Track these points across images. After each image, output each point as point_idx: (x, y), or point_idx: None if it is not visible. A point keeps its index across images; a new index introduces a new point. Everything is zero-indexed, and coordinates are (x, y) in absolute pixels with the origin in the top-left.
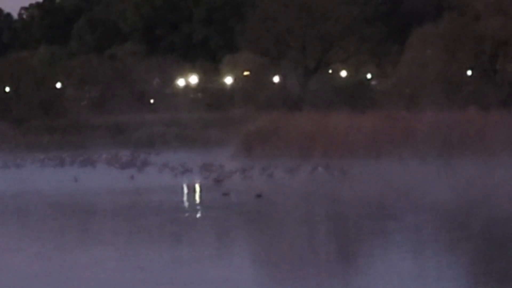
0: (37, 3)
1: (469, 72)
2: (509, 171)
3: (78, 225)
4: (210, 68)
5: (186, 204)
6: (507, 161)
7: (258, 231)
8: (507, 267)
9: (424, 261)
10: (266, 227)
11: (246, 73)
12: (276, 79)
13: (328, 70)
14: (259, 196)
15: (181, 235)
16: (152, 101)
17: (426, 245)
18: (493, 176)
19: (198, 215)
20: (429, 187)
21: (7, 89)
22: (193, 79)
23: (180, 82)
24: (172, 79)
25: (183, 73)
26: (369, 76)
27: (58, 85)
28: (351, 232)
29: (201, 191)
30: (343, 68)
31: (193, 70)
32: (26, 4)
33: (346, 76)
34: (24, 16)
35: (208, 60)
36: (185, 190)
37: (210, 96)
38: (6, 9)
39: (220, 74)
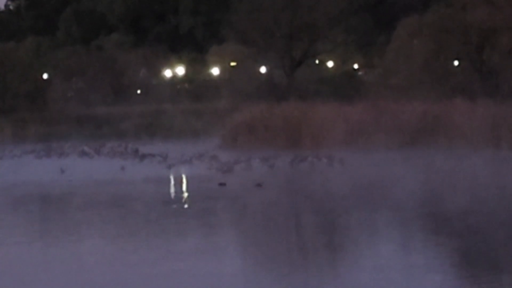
0: None
1: (456, 63)
2: (496, 162)
3: (63, 219)
4: (197, 59)
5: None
6: (494, 151)
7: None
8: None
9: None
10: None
11: (232, 64)
12: (263, 69)
13: (315, 61)
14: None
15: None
16: (138, 92)
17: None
18: (482, 167)
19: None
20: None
21: None
22: (180, 70)
23: (167, 73)
24: (159, 70)
25: (170, 64)
26: (356, 66)
27: (45, 76)
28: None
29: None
30: (330, 59)
31: (179, 61)
32: None
33: (333, 67)
34: (11, 7)
35: (195, 51)
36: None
37: (196, 87)
38: None
39: (206, 65)
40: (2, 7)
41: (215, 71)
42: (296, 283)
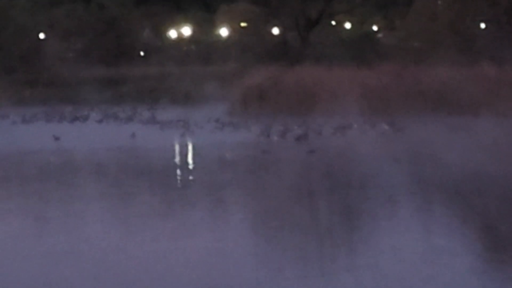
0: None
1: (482, 26)
2: None
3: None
4: (204, 19)
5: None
6: None
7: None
8: None
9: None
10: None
11: (243, 24)
12: (275, 31)
13: (331, 22)
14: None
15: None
16: (142, 53)
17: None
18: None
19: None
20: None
21: None
22: (186, 31)
23: (172, 34)
24: (164, 31)
25: (175, 24)
26: (375, 28)
27: (41, 36)
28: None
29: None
30: (347, 20)
31: (186, 21)
32: None
33: (351, 29)
34: None
35: (202, 10)
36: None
37: (203, 49)
38: None
39: (214, 26)
40: None
41: (224, 32)
42: None
